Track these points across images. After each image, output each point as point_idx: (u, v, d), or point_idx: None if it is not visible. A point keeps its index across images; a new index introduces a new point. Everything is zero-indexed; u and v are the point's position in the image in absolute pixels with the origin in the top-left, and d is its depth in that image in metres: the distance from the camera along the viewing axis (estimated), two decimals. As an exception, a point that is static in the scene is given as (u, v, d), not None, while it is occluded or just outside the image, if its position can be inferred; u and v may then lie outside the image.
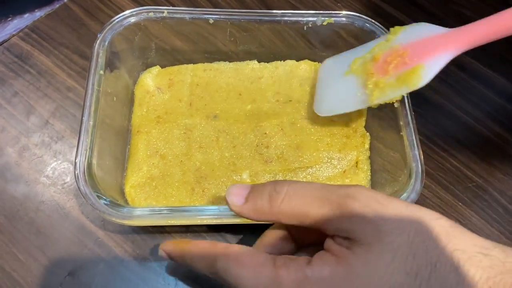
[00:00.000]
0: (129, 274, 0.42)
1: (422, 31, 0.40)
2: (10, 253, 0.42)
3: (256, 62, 0.51)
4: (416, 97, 0.43)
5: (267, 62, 0.51)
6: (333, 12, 0.48)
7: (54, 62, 0.51)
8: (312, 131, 0.47)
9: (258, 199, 0.33)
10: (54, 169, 0.46)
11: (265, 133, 0.46)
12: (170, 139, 0.46)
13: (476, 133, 0.40)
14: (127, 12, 0.46)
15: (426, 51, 0.39)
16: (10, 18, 0.55)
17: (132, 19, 0.46)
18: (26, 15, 0.55)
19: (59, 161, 0.47)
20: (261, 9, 0.54)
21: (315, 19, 0.47)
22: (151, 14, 0.46)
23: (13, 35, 0.53)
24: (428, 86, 0.39)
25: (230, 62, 0.50)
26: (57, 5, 0.55)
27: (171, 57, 0.51)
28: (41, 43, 0.52)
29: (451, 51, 0.38)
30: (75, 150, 0.38)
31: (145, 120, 0.47)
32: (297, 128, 0.47)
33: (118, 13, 0.53)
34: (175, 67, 0.50)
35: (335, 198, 0.31)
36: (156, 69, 0.50)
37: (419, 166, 0.39)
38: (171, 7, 0.47)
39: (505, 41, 0.56)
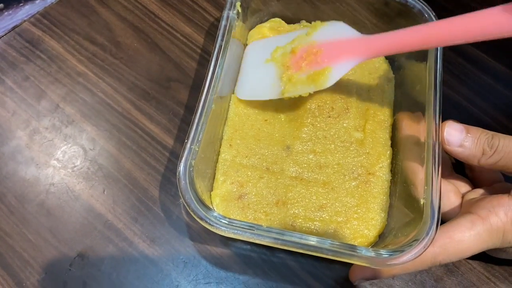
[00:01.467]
0: (138, 255, 0.42)
1: (339, 32, 0.43)
2: (21, 233, 0.43)
3: None
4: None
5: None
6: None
7: (64, 48, 0.52)
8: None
9: (473, 149, 0.39)
10: (64, 152, 0.47)
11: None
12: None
13: (483, 125, 0.40)
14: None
15: (336, 54, 0.42)
16: (21, 4, 0.55)
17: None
18: (38, 1, 0.56)
19: (69, 145, 0.47)
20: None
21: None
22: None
23: (25, 21, 0.53)
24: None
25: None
26: (68, -8, 0.55)
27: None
28: (52, 29, 0.53)
29: (357, 58, 0.41)
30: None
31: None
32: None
33: (129, 1, 0.55)
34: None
35: None
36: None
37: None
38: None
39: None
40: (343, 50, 0.42)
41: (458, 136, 0.39)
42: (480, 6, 0.49)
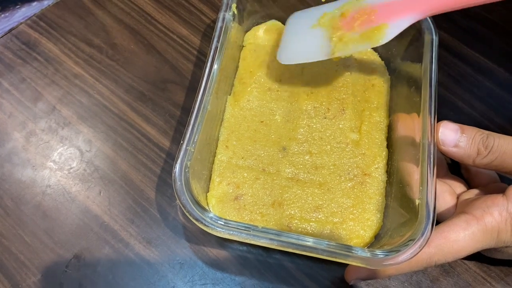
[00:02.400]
0: (134, 257, 0.42)
1: None
2: (17, 235, 0.43)
3: None
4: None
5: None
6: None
7: (61, 50, 0.52)
8: None
9: (468, 149, 0.39)
10: (60, 154, 0.47)
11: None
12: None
13: (480, 126, 0.40)
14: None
15: (393, 12, 0.40)
16: (18, 6, 0.56)
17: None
18: (34, 4, 0.56)
19: (66, 147, 0.47)
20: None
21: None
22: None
23: (21, 23, 0.53)
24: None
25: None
26: (65, -6, 0.55)
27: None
28: (49, 31, 0.53)
29: (415, 14, 0.40)
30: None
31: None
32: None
33: (126, 3, 0.55)
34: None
35: None
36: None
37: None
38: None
39: (508, 35, 0.57)
40: (400, 8, 0.40)
41: (453, 136, 0.39)
42: (476, 8, 0.49)
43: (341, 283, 0.43)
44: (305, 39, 0.45)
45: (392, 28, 0.40)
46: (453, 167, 0.47)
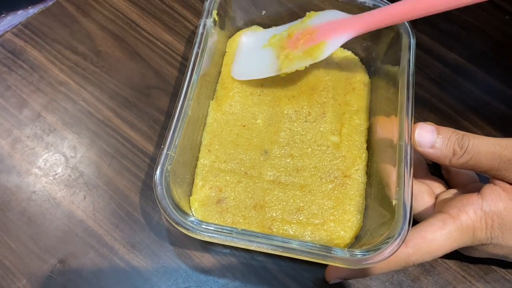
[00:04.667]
0: (119, 261, 0.43)
1: (332, 16, 0.46)
2: (2, 241, 0.43)
3: None
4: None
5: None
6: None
7: (46, 57, 0.53)
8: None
9: (444, 150, 0.40)
10: (46, 160, 0.47)
11: None
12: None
13: (460, 127, 0.41)
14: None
15: (330, 32, 0.45)
16: (3, 15, 0.56)
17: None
18: (20, 12, 0.56)
19: (51, 153, 0.48)
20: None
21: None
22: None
23: (7, 31, 0.54)
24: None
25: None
26: (50, 3, 0.56)
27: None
28: (34, 39, 0.53)
29: (349, 33, 0.44)
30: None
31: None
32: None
33: (110, 10, 0.56)
34: None
35: (507, 153, 0.38)
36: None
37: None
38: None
39: (487, 37, 0.58)
40: (336, 27, 0.44)
41: (429, 137, 0.40)
42: (454, 10, 0.50)
43: (323, 284, 0.43)
44: (257, 57, 0.49)
45: (330, 45, 0.44)
46: (433, 168, 0.48)
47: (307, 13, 0.48)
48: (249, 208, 0.43)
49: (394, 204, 0.38)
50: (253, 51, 0.50)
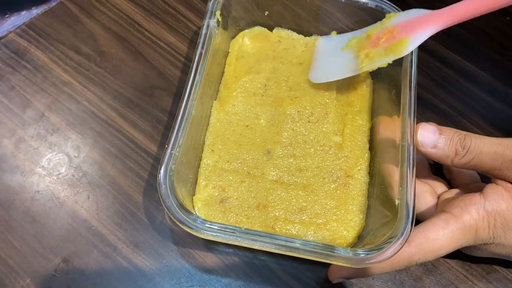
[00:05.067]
0: (122, 260, 0.43)
1: (413, 14, 0.45)
2: (6, 240, 0.43)
3: None
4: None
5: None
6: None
7: (50, 58, 0.53)
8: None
9: (446, 150, 0.40)
10: (49, 160, 0.47)
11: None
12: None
13: (462, 127, 0.41)
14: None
15: (412, 27, 0.43)
16: (7, 15, 0.56)
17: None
18: (23, 13, 0.57)
19: (55, 153, 0.48)
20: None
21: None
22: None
23: (10, 32, 0.54)
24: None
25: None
26: (54, 3, 0.56)
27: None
28: (38, 39, 0.54)
29: (432, 27, 0.42)
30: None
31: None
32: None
33: (114, 11, 0.56)
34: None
35: (509, 153, 0.38)
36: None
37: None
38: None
39: (489, 38, 0.58)
40: (418, 23, 0.43)
41: (431, 138, 0.40)
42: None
43: (325, 283, 0.43)
44: (335, 60, 0.48)
45: (413, 40, 0.42)
46: (435, 168, 0.48)
47: (387, 14, 0.47)
48: (252, 208, 0.43)
49: (396, 204, 0.38)
50: (331, 55, 0.49)
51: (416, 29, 0.43)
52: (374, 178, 0.44)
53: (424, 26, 0.42)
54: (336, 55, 0.48)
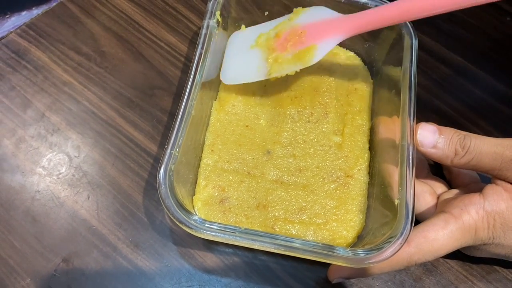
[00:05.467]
0: (122, 260, 0.43)
1: (320, 14, 0.45)
2: (6, 240, 0.43)
3: None
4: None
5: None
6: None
7: (50, 58, 0.53)
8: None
9: (446, 150, 0.40)
10: (49, 160, 0.47)
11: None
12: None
13: (462, 128, 0.41)
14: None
15: (320, 33, 0.43)
16: (8, 16, 0.57)
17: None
18: (24, 13, 0.57)
19: (55, 153, 0.48)
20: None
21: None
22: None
23: (11, 32, 0.54)
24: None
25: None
26: (54, 3, 0.56)
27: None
28: (38, 40, 0.54)
29: (339, 35, 0.43)
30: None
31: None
32: None
33: (114, 11, 0.56)
34: None
35: (509, 153, 0.38)
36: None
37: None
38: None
39: (489, 38, 0.58)
40: (327, 29, 0.43)
41: (431, 138, 0.40)
42: (456, 11, 0.50)
43: (326, 284, 0.43)
44: (245, 59, 0.48)
45: (320, 49, 0.43)
46: (435, 168, 0.48)
47: (294, 9, 0.47)
48: (252, 208, 0.43)
49: (396, 204, 0.38)
50: (240, 52, 0.49)
51: (324, 36, 0.43)
52: (374, 178, 0.45)
53: (331, 33, 0.43)
54: (246, 52, 0.48)
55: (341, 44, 0.53)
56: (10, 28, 0.54)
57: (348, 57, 0.52)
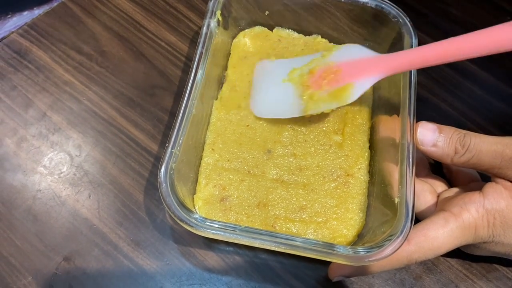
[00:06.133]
0: (123, 259, 0.43)
1: (355, 52, 0.44)
2: (8, 239, 0.44)
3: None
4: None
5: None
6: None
7: (52, 58, 0.53)
8: None
9: (446, 148, 0.40)
10: (51, 159, 0.48)
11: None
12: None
13: (462, 127, 0.41)
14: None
15: (356, 72, 0.43)
16: (9, 16, 0.57)
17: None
18: (25, 13, 0.57)
19: (56, 152, 0.48)
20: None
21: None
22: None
23: (12, 32, 0.54)
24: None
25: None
26: (55, 4, 0.57)
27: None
28: (40, 40, 0.54)
29: (377, 75, 0.42)
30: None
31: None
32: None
33: (115, 11, 0.56)
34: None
35: (508, 152, 0.38)
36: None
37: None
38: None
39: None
40: (363, 68, 0.43)
41: (431, 136, 0.40)
42: (456, 11, 0.50)
43: (326, 282, 0.43)
44: (278, 94, 0.47)
45: (357, 88, 0.42)
46: (435, 167, 0.48)
47: (330, 45, 0.48)
48: (252, 207, 0.43)
49: (396, 202, 0.38)
50: (272, 84, 0.48)
51: (360, 76, 0.43)
52: (374, 176, 0.45)
53: (368, 72, 0.42)
54: (278, 85, 0.47)
55: (342, 44, 0.53)
56: (12, 28, 0.55)
57: None
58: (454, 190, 0.43)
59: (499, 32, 0.37)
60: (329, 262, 0.42)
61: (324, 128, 0.47)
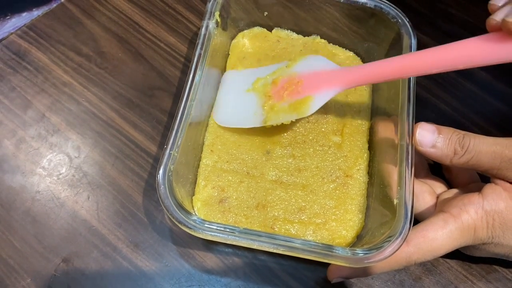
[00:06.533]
0: (122, 260, 0.43)
1: (318, 64, 0.45)
2: (7, 240, 0.43)
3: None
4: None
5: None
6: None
7: (50, 59, 0.53)
8: None
9: (445, 149, 0.39)
10: (50, 160, 0.48)
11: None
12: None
13: (462, 127, 0.41)
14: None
15: (317, 85, 0.44)
16: (8, 17, 0.57)
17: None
18: (24, 14, 0.57)
19: (55, 153, 0.48)
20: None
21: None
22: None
23: (11, 33, 0.54)
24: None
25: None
26: (54, 5, 0.56)
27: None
28: (39, 41, 0.54)
29: (336, 88, 0.43)
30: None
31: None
32: None
33: (114, 12, 0.56)
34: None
35: (508, 153, 0.38)
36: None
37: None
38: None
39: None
40: (323, 81, 0.44)
41: (430, 137, 0.40)
42: (456, 11, 0.50)
43: (325, 283, 0.43)
44: (240, 103, 0.48)
45: (316, 100, 0.43)
46: (434, 168, 0.48)
47: (290, 60, 0.48)
48: (251, 208, 0.43)
49: (395, 203, 0.38)
50: (235, 94, 0.48)
51: (320, 88, 0.43)
52: (373, 177, 0.45)
53: (327, 85, 0.43)
54: (241, 95, 0.48)
55: (341, 44, 0.53)
56: (11, 29, 0.55)
57: (348, 57, 0.52)
58: (454, 191, 0.43)
59: (464, 47, 0.38)
60: (328, 264, 0.42)
61: (323, 129, 0.47)
